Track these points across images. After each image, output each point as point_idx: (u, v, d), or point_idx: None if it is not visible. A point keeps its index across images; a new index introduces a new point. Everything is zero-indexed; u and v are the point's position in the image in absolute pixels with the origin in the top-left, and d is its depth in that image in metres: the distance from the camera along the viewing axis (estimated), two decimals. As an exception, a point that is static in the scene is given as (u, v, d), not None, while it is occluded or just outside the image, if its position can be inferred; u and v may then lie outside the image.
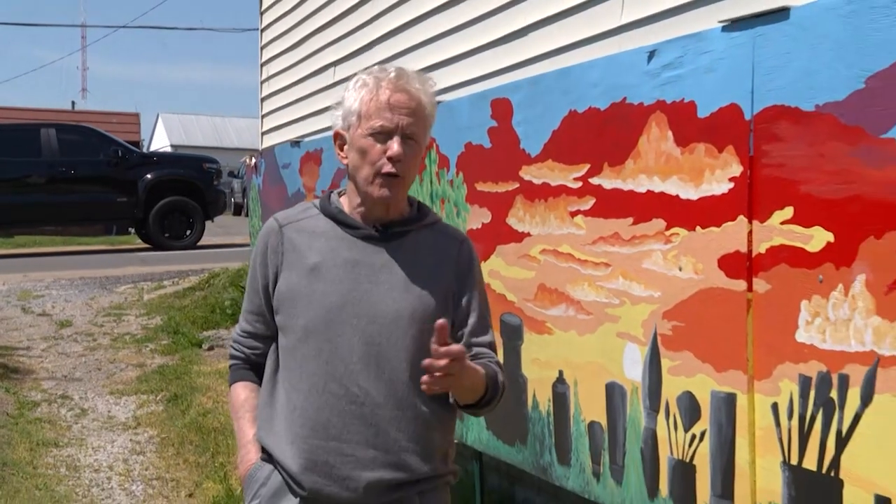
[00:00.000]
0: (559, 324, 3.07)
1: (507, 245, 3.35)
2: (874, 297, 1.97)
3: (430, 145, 3.80)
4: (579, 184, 2.92)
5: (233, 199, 27.76)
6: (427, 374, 1.87)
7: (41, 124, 15.60)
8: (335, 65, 7.17)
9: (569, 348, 3.03)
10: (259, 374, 2.19)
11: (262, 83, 9.14)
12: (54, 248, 16.97)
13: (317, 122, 7.49)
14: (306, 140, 5.81)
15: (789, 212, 2.16)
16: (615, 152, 2.74)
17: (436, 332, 1.85)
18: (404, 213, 2.13)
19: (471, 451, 3.86)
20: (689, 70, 2.46)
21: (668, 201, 2.55)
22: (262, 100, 9.14)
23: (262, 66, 9.10)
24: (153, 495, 5.03)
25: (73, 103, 38.88)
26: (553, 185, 3.05)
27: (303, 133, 7.56)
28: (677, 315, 2.54)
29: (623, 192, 2.72)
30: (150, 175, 15.13)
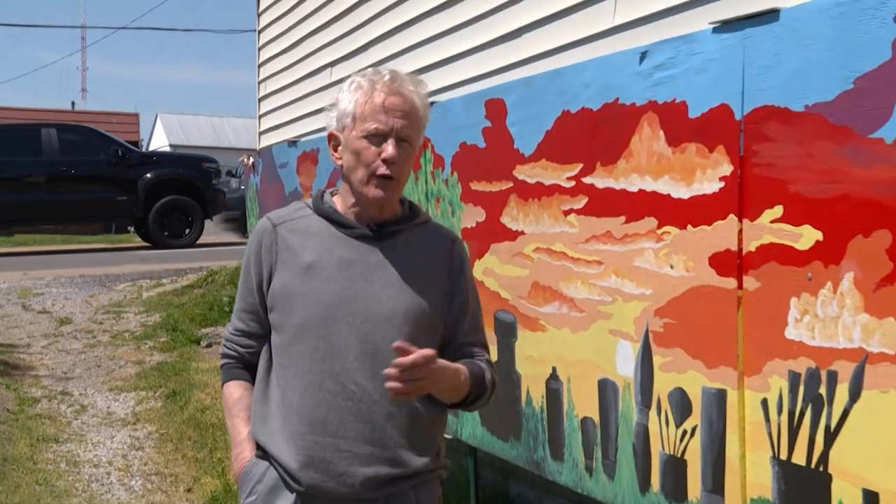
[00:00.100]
0: (552, 321, 3.07)
1: (501, 243, 3.35)
2: (862, 295, 1.97)
3: (425, 145, 3.81)
4: (572, 183, 2.92)
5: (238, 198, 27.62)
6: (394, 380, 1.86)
7: (42, 124, 15.55)
8: (332, 65, 7.16)
9: (562, 345, 3.03)
10: (252, 372, 2.18)
11: (259, 84, 9.13)
12: (54, 247, 16.93)
13: (314, 122, 7.48)
14: (303, 140, 5.79)
15: (779, 211, 2.16)
16: (608, 152, 2.74)
17: (394, 350, 1.86)
18: (397, 212, 2.13)
19: (465, 447, 3.86)
20: (680, 71, 2.46)
21: (659, 200, 2.55)
22: (260, 100, 9.12)
23: (260, 67, 9.09)
24: (152, 490, 5.03)
25: (72, 103, 38.78)
26: (546, 184, 3.05)
27: (300, 133, 7.55)
28: (669, 312, 2.54)
29: (615, 191, 2.72)
30: (149, 174, 15.10)
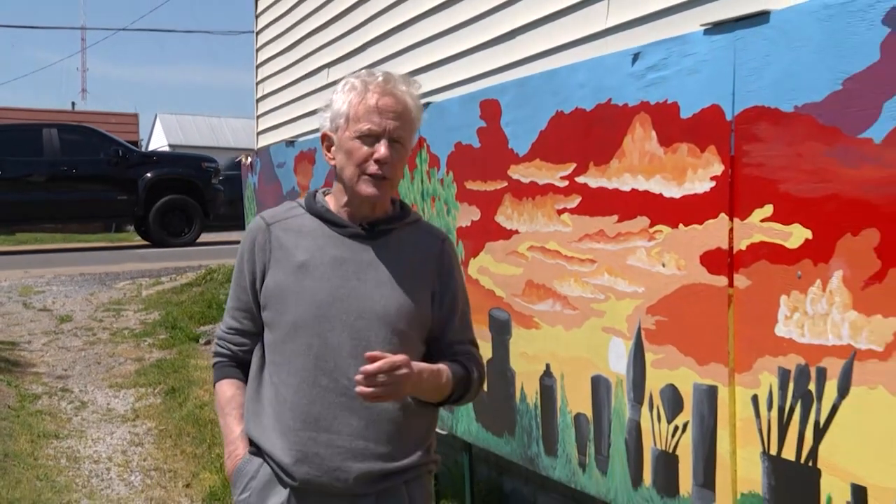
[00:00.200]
0: (546, 319, 3.07)
1: (495, 242, 3.35)
2: (851, 293, 1.97)
3: (421, 144, 3.81)
4: (566, 182, 2.92)
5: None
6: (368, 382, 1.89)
7: (43, 124, 15.49)
8: (329, 66, 7.14)
9: (555, 342, 3.03)
10: (244, 370, 2.18)
11: (257, 84, 9.11)
12: (55, 245, 16.89)
13: (311, 123, 7.46)
14: (300, 140, 5.79)
15: (769, 210, 2.16)
16: (601, 152, 2.74)
17: (366, 359, 1.88)
18: (388, 211, 2.13)
19: (460, 443, 3.85)
20: (672, 72, 2.46)
21: (651, 199, 2.55)
22: (258, 100, 9.11)
23: (258, 68, 9.07)
24: (151, 485, 5.02)
25: (73, 104, 38.60)
26: (540, 183, 3.05)
27: (297, 133, 7.53)
28: (661, 310, 2.54)
29: (608, 190, 2.72)
30: (149, 174, 15.05)
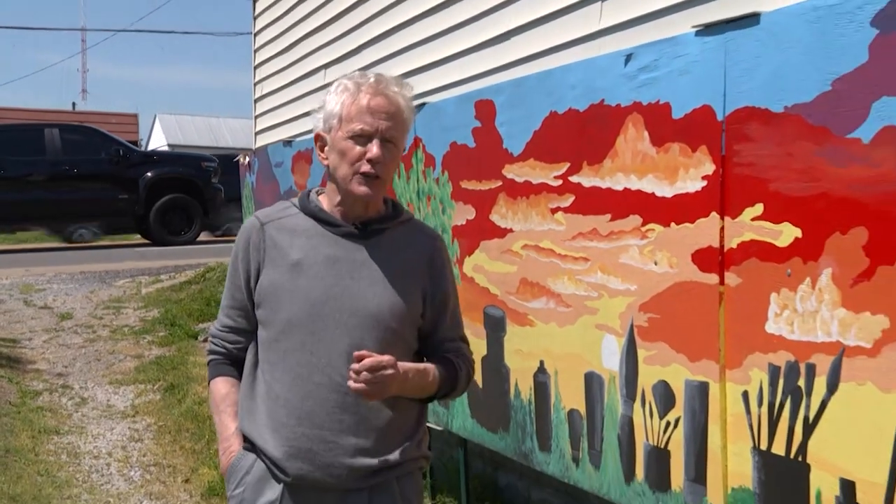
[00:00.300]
0: (540, 316, 3.07)
1: (490, 240, 3.35)
2: (840, 290, 1.98)
3: (417, 144, 3.80)
4: (559, 182, 2.92)
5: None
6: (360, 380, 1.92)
7: (45, 124, 15.42)
8: (326, 67, 7.13)
9: (549, 339, 3.03)
10: (239, 368, 2.18)
11: (255, 85, 9.09)
12: (55, 244, 16.85)
13: (308, 123, 7.44)
14: (298, 140, 5.78)
15: (759, 208, 2.17)
16: (594, 152, 2.74)
17: (355, 358, 1.91)
18: (381, 211, 2.13)
19: (456, 438, 3.85)
20: (664, 73, 2.46)
21: (644, 198, 2.55)
22: (256, 101, 9.09)
23: (256, 69, 9.05)
24: (150, 481, 5.01)
25: (73, 104, 38.57)
26: (534, 183, 3.05)
27: (294, 133, 7.52)
28: (653, 307, 2.55)
29: (601, 189, 2.73)
30: (150, 173, 14.99)
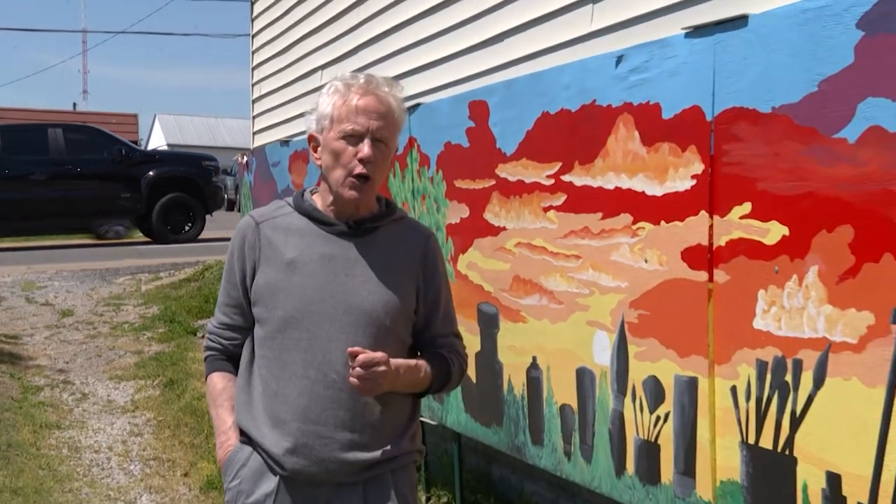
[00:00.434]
0: (533, 313, 3.07)
1: (484, 238, 3.35)
2: (826, 287, 1.98)
3: (412, 144, 3.80)
4: (552, 181, 2.92)
5: (226, 196, 27.55)
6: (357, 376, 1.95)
7: (49, 124, 15.36)
8: (322, 68, 7.12)
9: (542, 336, 3.03)
10: (235, 363, 2.18)
11: (253, 86, 9.08)
12: (56, 242, 16.80)
13: (305, 123, 7.42)
14: (295, 139, 5.77)
15: (747, 207, 2.17)
16: (585, 151, 2.74)
17: (348, 355, 1.93)
18: (374, 209, 2.13)
19: (450, 433, 3.85)
20: (654, 74, 2.46)
21: (634, 197, 2.55)
22: (254, 101, 9.08)
23: (254, 70, 9.04)
24: (150, 474, 5.01)
25: (74, 105, 38.52)
26: (527, 182, 3.05)
27: (292, 133, 7.51)
28: (643, 304, 2.55)
29: (593, 188, 2.73)
30: (152, 172, 14.94)
